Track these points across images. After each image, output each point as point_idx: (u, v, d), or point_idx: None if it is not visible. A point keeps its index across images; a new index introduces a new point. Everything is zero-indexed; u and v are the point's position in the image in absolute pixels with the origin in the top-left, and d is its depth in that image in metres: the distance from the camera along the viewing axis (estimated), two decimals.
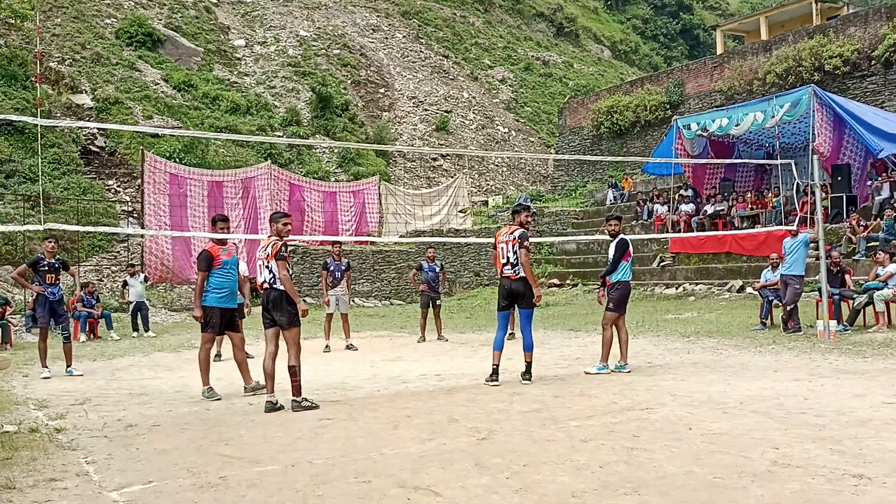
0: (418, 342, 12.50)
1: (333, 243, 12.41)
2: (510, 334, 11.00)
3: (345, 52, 38.02)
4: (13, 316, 14.87)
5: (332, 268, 11.73)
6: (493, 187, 34.72)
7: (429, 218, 26.45)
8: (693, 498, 3.90)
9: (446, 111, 37.57)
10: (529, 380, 7.79)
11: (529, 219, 7.98)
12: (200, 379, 7.63)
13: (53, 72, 26.23)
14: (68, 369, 9.57)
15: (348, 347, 11.74)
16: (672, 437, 5.21)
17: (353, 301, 18.39)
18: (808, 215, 13.82)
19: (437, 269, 12.96)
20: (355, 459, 4.84)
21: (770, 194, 19.56)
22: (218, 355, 10.35)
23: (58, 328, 9.87)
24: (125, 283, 16.46)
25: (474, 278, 24.38)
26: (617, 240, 8.53)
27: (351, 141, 30.51)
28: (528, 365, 7.86)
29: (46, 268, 9.47)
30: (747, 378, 7.64)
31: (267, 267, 6.79)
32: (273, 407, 6.61)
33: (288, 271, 6.74)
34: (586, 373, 8.29)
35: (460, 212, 27.84)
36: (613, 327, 8.44)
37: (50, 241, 9.63)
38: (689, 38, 60.99)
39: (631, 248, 8.57)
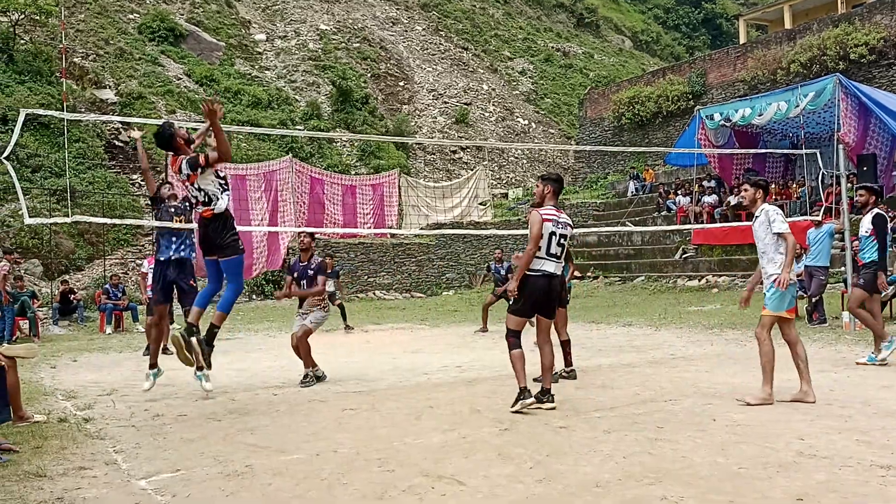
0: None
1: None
2: None
3: (365, 46, 38.04)
4: (40, 308, 15.07)
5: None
6: (514, 179, 34.60)
7: (449, 211, 26.42)
8: (718, 488, 3.89)
9: (466, 103, 37.46)
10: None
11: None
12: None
13: (77, 67, 26.53)
14: None
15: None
16: (696, 427, 5.19)
17: (374, 294, 21.17)
18: (833, 206, 13.64)
19: None
20: (379, 449, 4.88)
21: (795, 185, 19.32)
22: None
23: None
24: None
25: None
26: (873, 215, 7.80)
27: (371, 134, 30.55)
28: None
29: None
30: None
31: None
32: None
33: None
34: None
35: (480, 204, 27.78)
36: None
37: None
38: (712, 28, 60.26)
39: (888, 225, 7.92)
